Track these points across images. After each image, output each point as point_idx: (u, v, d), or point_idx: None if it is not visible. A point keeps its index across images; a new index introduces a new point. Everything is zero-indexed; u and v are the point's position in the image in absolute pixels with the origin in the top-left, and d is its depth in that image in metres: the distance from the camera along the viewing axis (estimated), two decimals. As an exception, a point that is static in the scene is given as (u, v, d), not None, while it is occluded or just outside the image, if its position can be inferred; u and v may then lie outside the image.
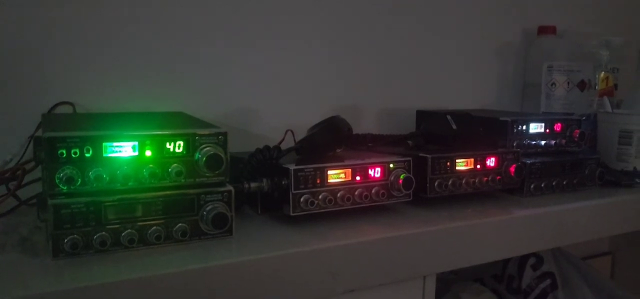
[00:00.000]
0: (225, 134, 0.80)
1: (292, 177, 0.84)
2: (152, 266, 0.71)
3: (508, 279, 1.35)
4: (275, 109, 1.28)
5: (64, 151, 0.71)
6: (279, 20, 1.29)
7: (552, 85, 1.57)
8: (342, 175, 0.89)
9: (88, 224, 0.72)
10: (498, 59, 1.64)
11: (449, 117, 1.11)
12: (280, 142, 1.06)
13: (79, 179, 0.72)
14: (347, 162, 0.90)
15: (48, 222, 0.71)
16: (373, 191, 0.92)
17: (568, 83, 1.56)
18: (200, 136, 0.79)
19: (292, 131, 1.13)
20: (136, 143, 0.75)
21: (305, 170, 0.85)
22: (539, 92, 1.58)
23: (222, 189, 0.80)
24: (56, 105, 1.07)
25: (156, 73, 1.16)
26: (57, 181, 0.71)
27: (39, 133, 1.00)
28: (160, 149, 0.76)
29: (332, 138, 0.95)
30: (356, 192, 0.90)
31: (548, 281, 1.32)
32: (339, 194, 0.88)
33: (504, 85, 1.66)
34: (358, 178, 0.90)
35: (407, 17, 1.46)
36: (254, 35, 1.26)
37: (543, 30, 1.63)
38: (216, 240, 0.79)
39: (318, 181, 0.86)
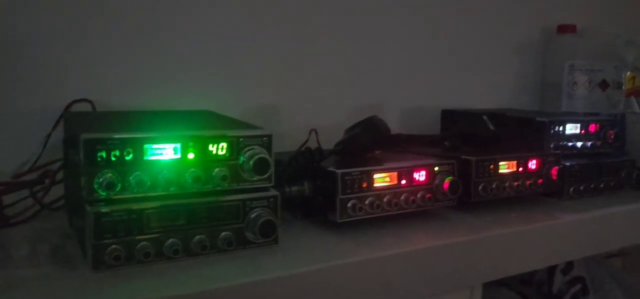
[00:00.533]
0: (270, 136, 0.74)
1: (340, 181, 0.78)
2: (198, 279, 0.66)
3: (537, 284, 1.31)
4: (295, 107, 1.24)
5: (104, 154, 0.65)
6: (299, 17, 1.24)
7: (573, 84, 1.53)
8: (387, 179, 0.84)
9: (130, 234, 0.66)
10: (517, 58, 1.60)
11: (485, 117, 1.06)
12: (305, 143, 1.01)
13: (119, 184, 0.65)
14: (392, 165, 0.84)
15: (85, 231, 0.64)
16: (418, 196, 0.86)
17: (589, 83, 1.52)
18: (245, 138, 0.72)
19: (315, 131, 1.07)
20: (178, 145, 0.69)
21: (352, 174, 0.80)
22: (558, 92, 1.54)
23: (269, 194, 0.74)
24: (73, 102, 1.01)
25: (174, 70, 1.11)
26: (96, 186, 0.65)
27: (56, 132, 0.94)
28: (203, 151, 0.71)
29: (372, 139, 0.90)
30: (402, 197, 0.85)
31: (579, 286, 1.27)
32: (385, 199, 0.83)
33: (522, 84, 1.62)
34: (403, 182, 0.85)
35: (426, 15, 1.41)
36: (274, 32, 1.21)
37: (563, 28, 1.59)
38: (261, 249, 0.74)
39: (364, 185, 0.81)
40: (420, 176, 0.87)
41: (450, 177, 0.89)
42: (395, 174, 0.84)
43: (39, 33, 0.98)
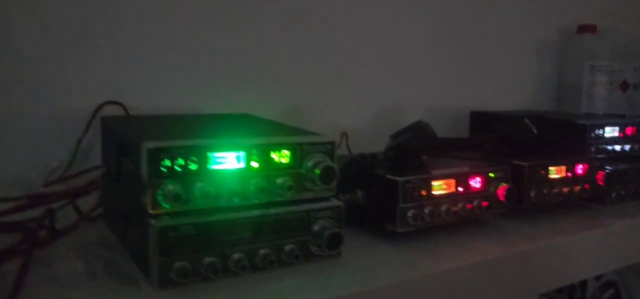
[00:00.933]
0: (333, 143, 0.70)
1: (401, 189, 0.74)
2: (270, 296, 0.62)
3: (569, 290, 1.28)
4: (319, 109, 1.20)
5: (168, 163, 0.60)
6: (321, 19, 1.20)
7: (593, 85, 1.50)
8: (444, 186, 0.80)
9: (197, 249, 0.61)
10: (534, 58, 1.57)
11: (527, 120, 1.02)
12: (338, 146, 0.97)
13: (183, 196, 0.61)
14: (449, 172, 0.80)
15: (148, 247, 0.61)
16: (475, 203, 0.83)
17: (610, 83, 1.50)
18: (309, 145, 0.68)
19: (346, 134, 1.04)
20: (242, 153, 0.64)
21: (413, 181, 0.76)
22: (576, 93, 1.52)
23: (333, 204, 0.70)
24: (103, 105, 0.95)
25: (203, 73, 1.07)
26: (159, 198, 0.60)
27: (86, 136, 0.90)
28: (266, 159, 0.67)
29: (423, 144, 0.86)
30: (459, 205, 0.81)
31: (612, 291, 1.25)
32: (443, 207, 0.79)
33: (539, 85, 1.59)
34: (460, 189, 0.81)
35: (442, 15, 1.38)
36: (298, 34, 1.17)
37: (583, 28, 1.56)
38: (324, 262, 0.70)
39: (423, 193, 0.77)
40: (476, 182, 0.83)
41: (504, 184, 0.85)
42: (453, 181, 0.81)
43: (62, 33, 0.92)
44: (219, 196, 0.64)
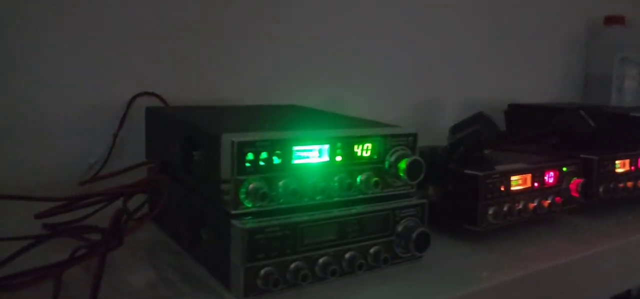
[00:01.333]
0: (415, 136, 0.64)
1: (482, 185, 0.69)
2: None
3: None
4: (355, 101, 1.13)
5: (252, 157, 0.53)
6: (361, 12, 1.15)
7: (623, 78, 1.46)
8: (520, 181, 0.74)
9: (283, 253, 0.55)
10: (561, 51, 1.53)
11: (582, 112, 0.97)
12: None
13: (269, 194, 0.55)
14: (528, 166, 0.75)
15: (231, 251, 0.55)
16: (549, 199, 0.77)
17: (640, 76, 1.46)
18: (392, 137, 0.62)
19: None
20: (326, 146, 0.58)
21: (493, 176, 0.70)
22: (604, 86, 1.48)
23: (417, 201, 0.64)
24: (136, 96, 0.88)
25: (236, 63, 1.00)
26: (242, 196, 0.53)
27: (123, 129, 0.83)
28: (350, 153, 0.60)
29: (492, 137, 0.80)
30: (535, 201, 0.75)
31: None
32: (521, 204, 0.73)
33: (565, 78, 1.55)
34: (536, 184, 0.76)
35: (469, 8, 1.32)
36: (333, 26, 1.12)
37: (611, 20, 1.52)
38: (407, 265, 0.65)
39: (502, 189, 0.71)
40: (549, 177, 0.78)
41: (576, 178, 0.80)
42: (528, 176, 0.75)
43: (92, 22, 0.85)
44: (303, 193, 0.58)
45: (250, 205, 0.55)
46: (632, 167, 0.92)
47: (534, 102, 1.40)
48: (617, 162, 0.89)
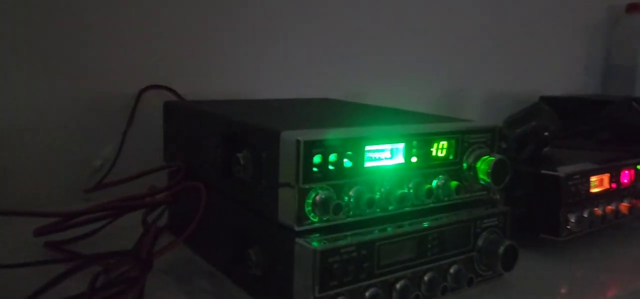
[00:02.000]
0: (495, 130, 0.54)
1: (562, 187, 0.58)
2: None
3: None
4: (380, 93, 1.03)
5: (320, 159, 0.42)
6: (385, 3, 1.04)
7: (648, 67, 1.38)
8: (597, 182, 0.64)
9: (358, 278, 0.44)
10: (580, 40, 1.43)
11: (635, 104, 0.87)
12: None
13: (342, 206, 0.44)
14: (604, 165, 0.64)
15: (296, 276, 0.45)
16: (627, 202, 0.67)
17: (665, 65, 1.37)
18: (470, 133, 0.51)
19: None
20: (402, 146, 0.47)
21: (574, 177, 0.59)
22: (626, 76, 1.39)
23: (500, 210, 0.53)
24: (147, 88, 0.76)
25: (251, 54, 0.87)
26: (307, 208, 0.42)
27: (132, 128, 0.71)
28: (426, 153, 0.49)
29: (557, 131, 0.70)
30: (614, 205, 0.65)
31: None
32: (600, 209, 0.63)
33: (584, 68, 1.45)
34: (613, 185, 0.65)
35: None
36: (356, 17, 1.02)
37: (633, 7, 1.43)
38: (488, 284, 0.54)
39: (582, 191, 0.61)
40: (625, 177, 0.68)
41: (651, 178, 0.69)
42: (606, 176, 0.65)
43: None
44: (376, 203, 0.46)
45: (316, 219, 0.44)
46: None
47: (551, 94, 1.30)
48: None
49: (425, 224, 0.50)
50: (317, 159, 0.44)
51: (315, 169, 0.44)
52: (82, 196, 0.71)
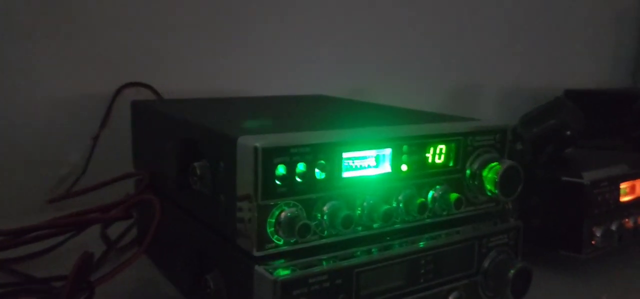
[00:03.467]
0: (505, 131, 0.44)
1: (587, 197, 0.49)
2: None
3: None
4: (383, 90, 0.94)
5: (284, 171, 0.34)
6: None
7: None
8: (628, 190, 0.55)
9: (333, 311, 0.35)
10: (610, 29, 1.33)
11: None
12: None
13: (311, 227, 0.35)
14: (636, 170, 0.55)
15: None
16: None
17: None
18: (474, 134, 0.42)
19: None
20: (389, 151, 0.38)
21: (601, 185, 0.50)
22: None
23: (510, 225, 0.44)
24: (122, 88, 0.68)
25: (232, 50, 0.80)
26: (270, 229, 0.34)
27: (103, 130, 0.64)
28: (419, 160, 0.40)
29: (581, 130, 0.60)
30: None
31: None
32: (631, 221, 0.54)
33: (616, 59, 1.35)
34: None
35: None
36: (356, 10, 0.93)
37: (667, -8, 1.32)
38: (495, 311, 0.44)
39: (610, 201, 0.51)
40: None
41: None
42: (637, 182, 0.55)
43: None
44: (356, 221, 0.38)
45: (281, 242, 0.36)
46: None
47: (581, 87, 1.20)
48: None
49: (419, 245, 0.41)
50: (280, 169, 0.36)
51: (278, 181, 0.36)
52: (46, 208, 0.64)
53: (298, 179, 0.37)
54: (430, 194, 0.44)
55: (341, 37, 0.90)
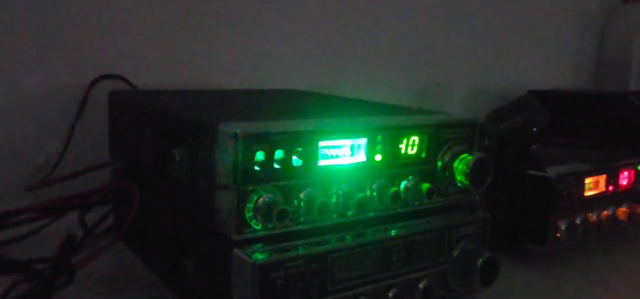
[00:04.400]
0: (475, 124, 0.46)
1: (553, 191, 0.51)
2: None
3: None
4: (351, 87, 0.95)
5: (263, 157, 0.35)
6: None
7: (646, 62, 1.31)
8: (592, 185, 0.57)
9: (308, 295, 0.37)
10: (573, 31, 1.36)
11: (634, 99, 0.81)
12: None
13: (289, 212, 0.36)
14: (600, 166, 0.57)
15: (235, 292, 0.36)
16: (626, 207, 0.60)
17: (664, 60, 1.31)
18: (446, 127, 0.44)
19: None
20: (364, 141, 0.40)
21: (566, 179, 0.52)
22: (620, 70, 1.32)
23: (480, 216, 0.46)
24: (97, 79, 0.69)
25: (207, 42, 0.81)
26: (248, 214, 0.35)
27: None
28: (393, 151, 0.42)
29: (546, 127, 0.63)
30: (610, 210, 0.58)
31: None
32: (595, 215, 0.56)
33: (575, 61, 1.38)
34: (610, 188, 0.58)
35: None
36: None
37: (630, -3, 1.36)
38: (464, 300, 0.46)
39: (575, 195, 0.54)
40: (624, 179, 0.61)
41: (651, 180, 0.63)
42: (602, 178, 0.58)
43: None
44: (332, 208, 0.39)
45: (259, 227, 0.37)
46: None
47: (540, 87, 1.23)
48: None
49: (391, 233, 0.42)
50: (259, 156, 0.37)
51: (257, 167, 0.37)
52: (25, 194, 0.64)
53: (276, 166, 0.38)
54: (403, 184, 0.45)
55: (314, 35, 0.91)
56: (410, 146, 0.45)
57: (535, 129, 0.63)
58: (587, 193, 0.57)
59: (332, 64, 0.94)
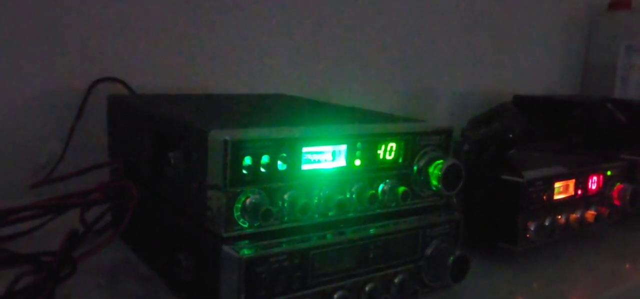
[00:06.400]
0: (450, 132, 0.50)
1: (523, 194, 0.55)
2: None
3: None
4: (340, 92, 0.99)
5: (250, 161, 0.39)
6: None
7: (629, 68, 1.35)
8: (562, 189, 0.61)
9: (291, 287, 0.41)
10: (559, 38, 1.40)
11: (610, 105, 0.84)
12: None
13: (273, 211, 0.40)
14: (569, 170, 0.61)
15: (222, 286, 0.41)
16: (594, 210, 0.64)
17: (648, 66, 1.34)
18: (421, 135, 0.48)
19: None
20: (344, 147, 0.44)
21: (536, 183, 0.56)
22: (605, 76, 1.36)
23: (452, 217, 0.50)
24: (96, 82, 0.73)
25: (203, 47, 0.84)
26: (236, 213, 0.39)
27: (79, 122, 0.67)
28: (371, 157, 0.46)
29: (523, 133, 0.67)
30: (578, 212, 0.62)
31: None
32: (563, 217, 0.60)
33: (562, 67, 1.42)
34: (579, 192, 0.62)
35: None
36: (323, 5, 0.95)
37: (616, 4, 1.40)
38: (436, 295, 0.49)
39: (544, 198, 0.58)
40: (593, 183, 0.65)
41: (619, 184, 0.67)
42: (571, 182, 0.62)
43: None
44: (314, 209, 0.43)
45: (246, 225, 0.41)
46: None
47: (527, 93, 1.26)
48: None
49: (369, 232, 0.46)
50: (247, 160, 0.41)
51: (245, 171, 0.41)
52: (28, 192, 0.67)
53: (262, 170, 0.42)
54: (381, 187, 0.49)
55: (304, 42, 0.95)
56: (388, 151, 0.49)
57: (511, 135, 0.67)
58: (557, 197, 0.61)
59: (323, 71, 0.98)
